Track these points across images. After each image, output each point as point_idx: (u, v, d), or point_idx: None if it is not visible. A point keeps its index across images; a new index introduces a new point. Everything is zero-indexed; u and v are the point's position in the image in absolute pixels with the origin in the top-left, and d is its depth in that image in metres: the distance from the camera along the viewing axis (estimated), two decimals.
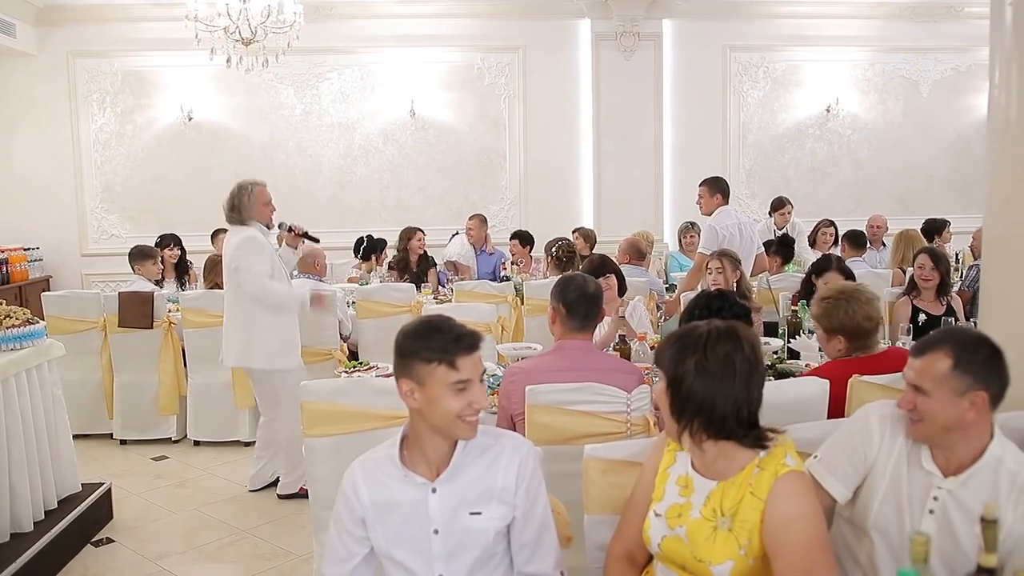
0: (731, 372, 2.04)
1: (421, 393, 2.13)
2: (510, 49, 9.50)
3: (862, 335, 3.40)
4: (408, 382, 2.14)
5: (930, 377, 2.12)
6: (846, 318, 3.39)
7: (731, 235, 6.11)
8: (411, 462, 2.19)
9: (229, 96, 9.27)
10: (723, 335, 2.08)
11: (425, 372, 2.11)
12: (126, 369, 6.11)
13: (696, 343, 2.08)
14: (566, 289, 3.35)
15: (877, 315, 3.45)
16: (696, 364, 2.05)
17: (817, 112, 9.92)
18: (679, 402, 2.09)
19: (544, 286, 6.31)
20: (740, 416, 2.06)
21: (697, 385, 2.05)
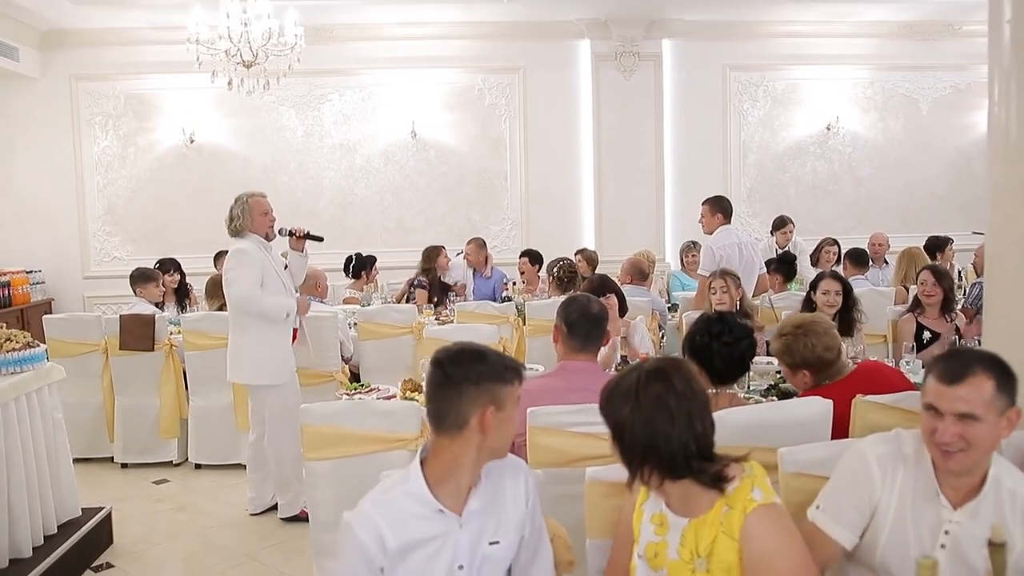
0: (666, 414, 2.02)
1: (498, 416, 2.08)
2: (510, 70, 9.55)
3: (825, 365, 3.39)
4: (488, 407, 2.07)
5: (981, 402, 2.06)
6: (807, 352, 3.38)
7: (729, 255, 6.09)
8: (443, 496, 2.10)
9: (231, 118, 9.31)
10: (652, 378, 2.07)
11: (505, 393, 2.10)
12: (127, 392, 6.09)
13: (628, 391, 2.07)
14: (569, 308, 3.35)
15: (836, 343, 3.44)
16: (631, 411, 2.05)
17: (817, 130, 9.94)
18: (626, 451, 2.08)
19: (546, 306, 6.31)
20: (689, 453, 2.02)
21: (638, 431, 2.04)
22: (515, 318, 6.54)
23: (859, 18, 9.50)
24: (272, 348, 4.89)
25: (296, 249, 5.29)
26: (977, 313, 5.54)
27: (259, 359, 4.86)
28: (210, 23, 6.75)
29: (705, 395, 2.10)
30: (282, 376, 4.92)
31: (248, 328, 4.83)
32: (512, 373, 2.12)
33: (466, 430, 2.07)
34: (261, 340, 4.84)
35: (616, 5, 8.81)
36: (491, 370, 2.10)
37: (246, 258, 4.78)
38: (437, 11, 8.79)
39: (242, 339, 4.87)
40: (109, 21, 8.68)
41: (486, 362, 2.10)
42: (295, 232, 5.26)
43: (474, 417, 2.06)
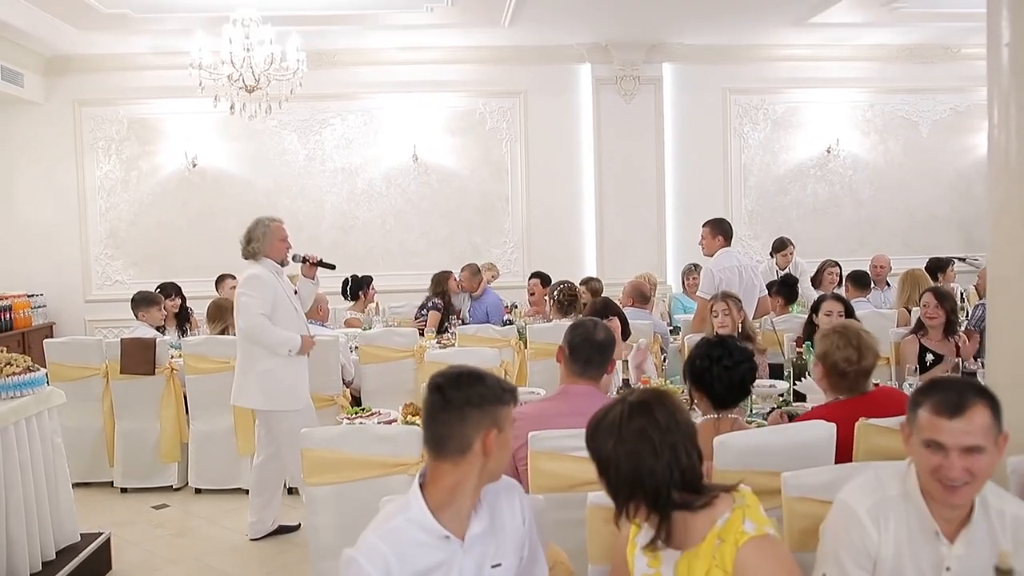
0: (649, 447, 2.01)
1: (500, 438, 2.09)
2: (512, 94, 9.59)
3: (838, 375, 3.36)
4: (491, 430, 2.08)
5: (983, 433, 2.04)
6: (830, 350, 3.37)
7: (729, 278, 6.07)
8: (446, 521, 2.08)
9: (233, 142, 9.34)
10: (635, 411, 2.06)
11: (504, 415, 2.11)
12: (127, 416, 6.07)
13: (611, 425, 2.06)
14: (574, 332, 3.35)
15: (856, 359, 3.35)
16: (614, 446, 2.04)
17: (818, 153, 9.97)
18: (612, 486, 2.07)
19: (547, 330, 6.31)
20: (674, 486, 2.01)
21: (622, 466, 2.02)
22: (516, 341, 6.52)
23: (858, 41, 9.55)
24: (289, 374, 4.88)
25: (308, 276, 5.31)
26: (980, 335, 5.53)
27: (276, 385, 4.84)
28: (213, 48, 6.80)
29: (691, 426, 2.08)
30: (300, 401, 4.91)
31: (259, 354, 4.83)
32: (509, 394, 2.13)
33: (469, 454, 2.06)
34: (272, 365, 4.84)
35: (617, 29, 8.87)
36: (491, 392, 2.10)
37: (260, 285, 4.79)
38: (438, 36, 8.85)
39: (257, 364, 4.84)
40: (113, 47, 8.74)
41: (485, 384, 2.10)
42: (308, 259, 5.29)
43: (477, 441, 2.05)
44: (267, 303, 4.78)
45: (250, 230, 4.91)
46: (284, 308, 4.88)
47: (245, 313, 4.76)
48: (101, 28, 8.08)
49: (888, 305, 7.60)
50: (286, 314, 4.89)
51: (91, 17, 7.74)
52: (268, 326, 4.79)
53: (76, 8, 7.50)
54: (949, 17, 8.66)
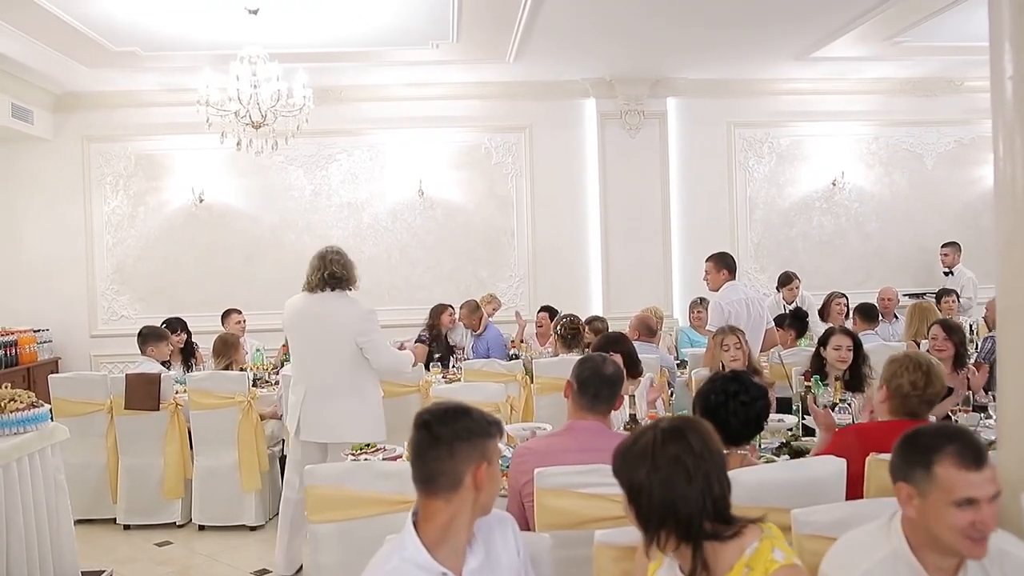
0: (683, 474, 2.00)
1: (490, 471, 2.11)
2: (517, 129, 9.64)
3: (900, 396, 3.35)
4: (481, 463, 2.09)
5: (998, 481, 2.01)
6: (897, 374, 3.37)
7: (737, 311, 6.07)
8: (442, 559, 2.07)
9: (240, 178, 9.40)
10: (669, 437, 2.05)
11: (492, 448, 2.12)
12: (131, 452, 6.04)
13: (644, 451, 2.05)
14: (582, 366, 3.33)
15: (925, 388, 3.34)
16: (648, 473, 2.01)
17: (823, 186, 9.98)
18: (643, 514, 2.04)
19: (554, 364, 6.28)
20: (707, 515, 1.99)
21: (655, 493, 2.00)
22: (523, 376, 6.50)
23: (861, 75, 9.61)
24: (376, 404, 4.98)
25: None
26: (991, 368, 5.48)
27: (381, 413, 4.95)
28: (220, 85, 6.85)
29: (722, 455, 2.08)
30: (380, 432, 4.93)
31: (370, 388, 4.91)
32: (495, 427, 2.14)
33: (461, 489, 2.06)
34: (380, 398, 4.99)
35: (621, 64, 8.93)
36: (478, 426, 2.10)
37: (378, 320, 4.90)
38: (443, 72, 8.92)
39: (369, 395, 4.91)
40: (121, 84, 8.84)
41: (472, 418, 2.11)
42: None
43: (468, 475, 2.06)
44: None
45: (336, 261, 4.90)
46: None
47: (383, 350, 4.86)
48: (110, 65, 8.18)
49: (896, 338, 7.56)
50: None
51: (100, 55, 7.83)
52: (400, 356, 5.03)
53: (86, 46, 7.59)
54: (952, 51, 8.71)
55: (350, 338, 4.78)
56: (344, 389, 4.82)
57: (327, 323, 4.83)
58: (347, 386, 4.83)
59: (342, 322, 4.80)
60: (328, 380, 4.83)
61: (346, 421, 4.80)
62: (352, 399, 4.82)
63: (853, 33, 7.90)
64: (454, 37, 7.75)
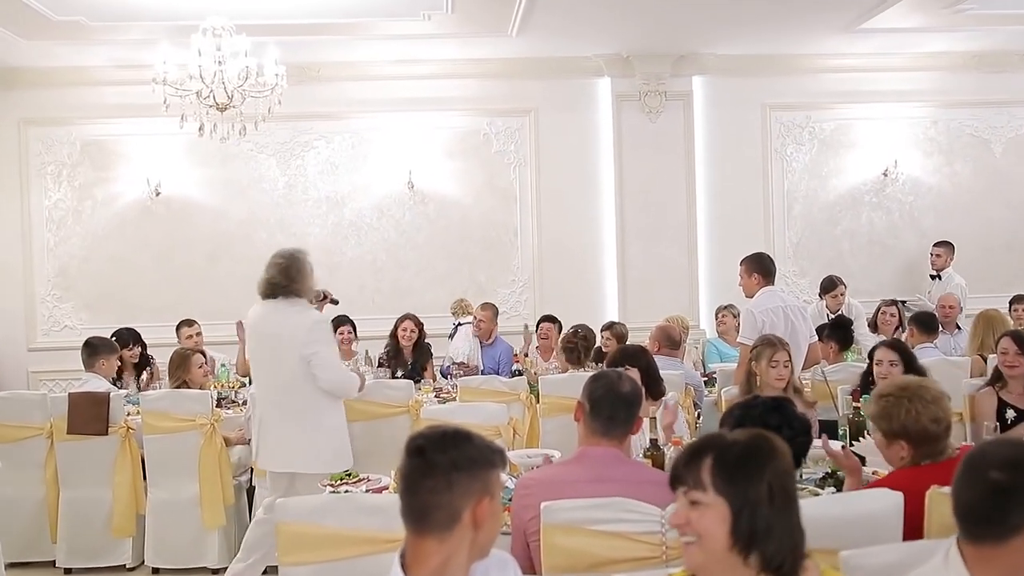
0: (794, 485, 2.06)
1: (492, 507, 2.09)
2: (520, 112, 9.65)
3: (928, 440, 3.32)
4: (482, 498, 2.06)
5: None
6: (908, 419, 3.30)
7: (772, 321, 6.06)
8: None
9: (202, 168, 9.40)
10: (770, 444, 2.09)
11: (495, 480, 2.10)
12: (74, 483, 6.01)
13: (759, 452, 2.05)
14: (595, 384, 3.32)
15: (946, 416, 3.37)
16: (769, 488, 2.01)
17: (873, 177, 9.96)
18: (743, 537, 2.00)
19: (562, 382, 6.27)
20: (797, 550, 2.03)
21: (769, 513, 2.00)
22: (527, 395, 6.50)
23: (918, 49, 9.59)
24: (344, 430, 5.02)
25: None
26: None
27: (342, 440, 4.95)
28: (179, 61, 6.85)
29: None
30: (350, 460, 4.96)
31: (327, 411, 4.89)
32: (499, 456, 2.12)
33: (457, 527, 2.04)
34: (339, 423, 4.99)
35: (640, 39, 8.92)
36: (480, 454, 2.08)
37: (330, 331, 4.96)
38: (436, 48, 8.92)
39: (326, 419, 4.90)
40: (66, 59, 8.83)
41: (474, 445, 2.09)
42: (327, 295, 5.35)
43: (467, 511, 2.03)
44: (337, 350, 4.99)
45: (289, 265, 4.92)
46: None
47: (332, 367, 4.85)
48: (51, 38, 8.16)
49: (959, 352, 7.54)
50: None
51: (40, 26, 7.82)
52: (351, 374, 5.04)
53: (22, 15, 7.58)
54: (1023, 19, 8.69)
55: (298, 352, 4.79)
56: (296, 412, 4.85)
57: (275, 335, 4.88)
58: (300, 408, 4.85)
59: (290, 334, 4.83)
60: (280, 400, 4.87)
61: (299, 449, 4.82)
62: (306, 423, 4.84)
63: (908, 0, 7.88)
64: (448, 7, 7.75)
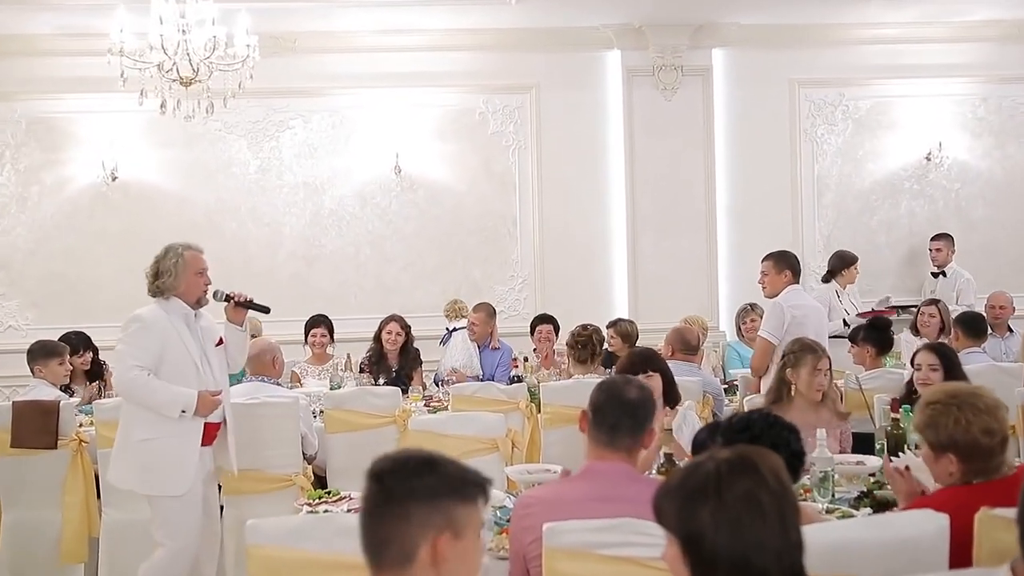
0: (759, 514, 2.00)
1: (455, 546, 2.04)
2: (520, 89, 9.64)
3: (980, 454, 3.30)
4: (442, 533, 2.03)
5: None
6: (957, 430, 3.28)
7: (802, 320, 6.16)
8: None
9: (164, 150, 9.37)
10: (737, 468, 2.06)
11: (465, 516, 2.06)
12: (19, 503, 5.97)
13: (706, 485, 2.04)
14: (598, 390, 3.34)
15: (1001, 428, 3.34)
16: (713, 513, 2.01)
17: (914, 161, 9.96)
18: (702, 568, 2.02)
19: (567, 389, 6.26)
20: (783, 569, 1.99)
21: (721, 540, 2.00)
22: (527, 404, 6.50)
23: (966, 17, 9.58)
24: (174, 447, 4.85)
25: (234, 322, 5.30)
26: None
27: (155, 460, 4.82)
28: (138, 29, 6.82)
29: (795, 495, 2.08)
30: (182, 485, 4.84)
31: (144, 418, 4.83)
32: (475, 489, 2.09)
33: (412, 565, 2.03)
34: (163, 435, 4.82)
35: (653, 6, 8.92)
36: (445, 483, 2.06)
37: (141, 330, 4.86)
38: (426, 16, 8.91)
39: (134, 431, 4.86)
40: (8, 26, 8.77)
41: (437, 473, 2.07)
42: (234, 297, 5.25)
43: (424, 547, 2.02)
44: (149, 352, 4.81)
45: (158, 260, 5.00)
46: (180, 361, 4.89)
47: (119, 364, 4.89)
48: None
49: (1011, 357, 7.55)
50: (181, 371, 4.89)
51: None
52: (146, 381, 4.78)
53: None
54: None
55: None
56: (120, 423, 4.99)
57: None
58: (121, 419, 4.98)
59: None
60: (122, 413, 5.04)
61: (113, 460, 4.97)
62: (120, 436, 4.96)
63: None
64: None
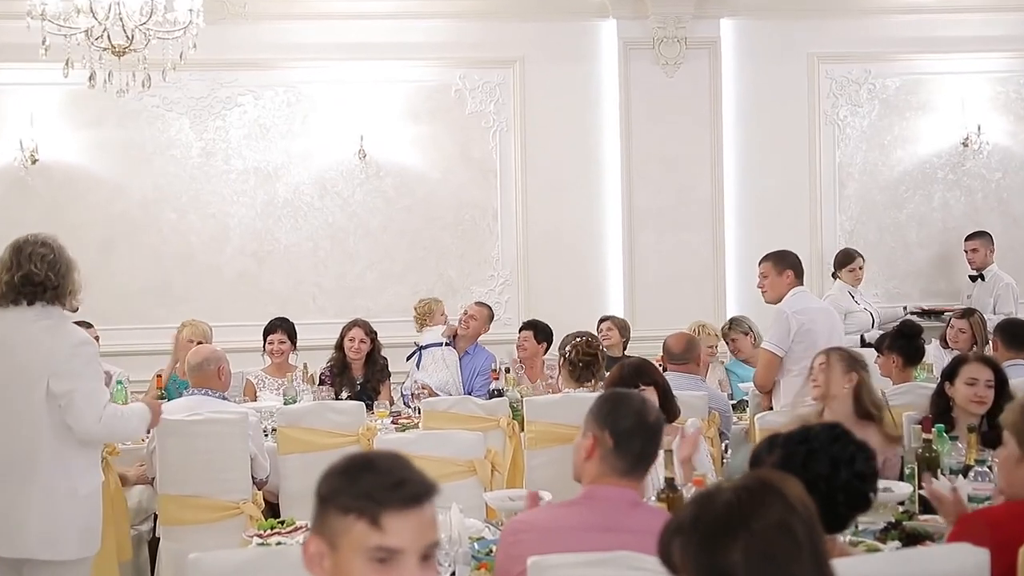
0: (794, 546, 2.00)
1: (332, 560, 2.11)
2: (502, 63, 9.64)
3: None
4: (318, 541, 2.13)
5: None
6: None
7: (810, 323, 6.23)
8: None
9: (93, 129, 9.31)
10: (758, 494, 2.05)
11: (340, 527, 2.10)
12: None
13: (729, 517, 2.02)
14: (618, 411, 3.34)
15: None
16: (744, 549, 1.99)
17: (949, 147, 9.98)
18: None
19: (555, 404, 6.26)
20: None
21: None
22: (509, 421, 6.48)
23: None
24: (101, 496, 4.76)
25: None
26: None
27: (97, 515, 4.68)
28: None
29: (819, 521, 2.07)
30: (95, 543, 4.70)
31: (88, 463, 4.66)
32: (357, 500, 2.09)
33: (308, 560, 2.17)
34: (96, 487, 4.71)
35: None
36: (343, 489, 2.13)
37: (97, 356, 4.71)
38: None
39: (82, 482, 4.58)
40: None
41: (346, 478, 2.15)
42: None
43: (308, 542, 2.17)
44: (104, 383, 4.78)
45: (38, 256, 4.60)
46: None
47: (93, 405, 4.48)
48: None
49: None
50: None
51: None
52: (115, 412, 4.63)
53: None
54: None
55: (42, 382, 4.45)
56: (32, 467, 4.48)
57: (9, 355, 4.54)
58: (39, 463, 4.49)
59: (33, 356, 4.50)
60: (10, 450, 4.51)
61: (36, 523, 4.46)
62: (48, 486, 4.49)
63: None
64: None
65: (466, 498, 4.33)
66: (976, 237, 9.43)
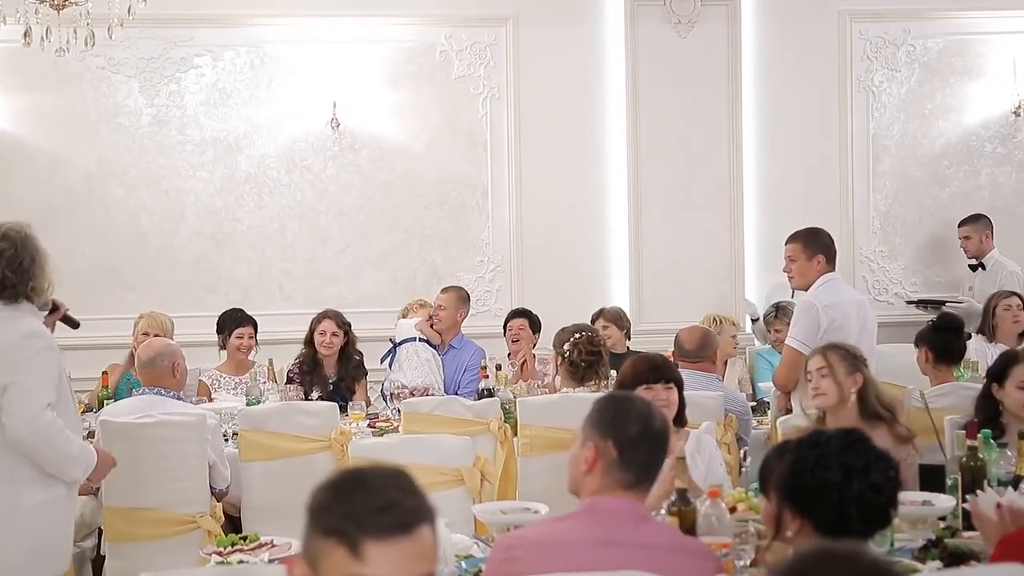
0: None
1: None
2: (493, 21, 9.65)
3: None
4: (302, 563, 2.16)
5: None
6: None
7: (843, 317, 6.24)
8: None
9: (29, 93, 9.30)
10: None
11: (321, 550, 2.13)
12: None
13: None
14: (623, 418, 3.35)
15: None
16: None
17: (997, 116, 10.03)
18: None
19: (551, 406, 6.27)
20: None
21: None
22: (500, 424, 6.50)
23: None
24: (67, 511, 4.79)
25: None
26: None
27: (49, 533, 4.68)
28: None
29: None
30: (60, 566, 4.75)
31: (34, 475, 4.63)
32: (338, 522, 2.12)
33: None
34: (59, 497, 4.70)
35: None
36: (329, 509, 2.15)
37: (48, 352, 4.69)
38: None
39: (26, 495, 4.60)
40: None
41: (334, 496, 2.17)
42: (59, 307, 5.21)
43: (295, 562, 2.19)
44: (54, 386, 4.65)
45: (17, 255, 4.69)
46: (67, 396, 4.80)
47: (27, 403, 4.52)
48: None
49: None
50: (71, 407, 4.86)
51: None
52: (61, 428, 4.59)
53: None
54: None
55: None
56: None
57: None
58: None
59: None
60: None
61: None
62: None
63: None
64: None
65: (453, 511, 4.35)
66: (968, 222, 9.45)
